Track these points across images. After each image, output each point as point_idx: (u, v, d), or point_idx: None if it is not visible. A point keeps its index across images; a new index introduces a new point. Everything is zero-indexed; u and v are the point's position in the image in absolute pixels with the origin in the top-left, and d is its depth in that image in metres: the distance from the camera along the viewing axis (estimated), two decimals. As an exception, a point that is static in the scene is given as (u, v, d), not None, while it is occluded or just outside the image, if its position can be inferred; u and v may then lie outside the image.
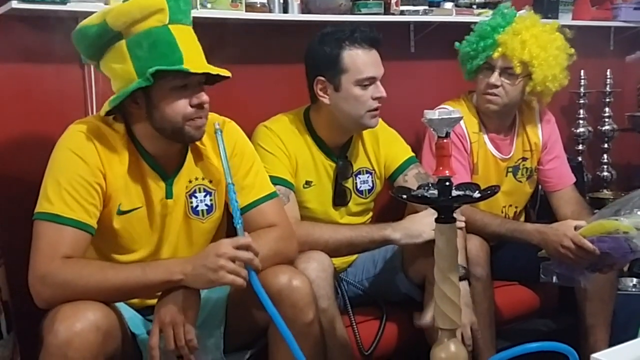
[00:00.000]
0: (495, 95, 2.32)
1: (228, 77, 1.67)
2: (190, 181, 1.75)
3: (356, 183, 2.20)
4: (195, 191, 1.76)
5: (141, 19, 1.55)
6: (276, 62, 2.50)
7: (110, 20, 1.56)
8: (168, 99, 1.59)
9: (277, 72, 2.50)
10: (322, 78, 2.04)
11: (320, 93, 2.06)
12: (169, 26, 1.57)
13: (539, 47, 2.29)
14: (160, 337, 1.54)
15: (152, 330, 1.55)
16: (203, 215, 1.77)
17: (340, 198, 2.17)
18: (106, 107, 1.59)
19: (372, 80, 2.03)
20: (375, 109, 2.05)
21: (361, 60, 2.02)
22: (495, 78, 2.31)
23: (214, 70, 1.60)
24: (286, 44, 2.47)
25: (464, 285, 1.91)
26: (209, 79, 1.67)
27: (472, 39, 2.35)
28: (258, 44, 2.44)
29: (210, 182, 1.76)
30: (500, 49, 2.29)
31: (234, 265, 1.51)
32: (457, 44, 2.42)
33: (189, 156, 1.74)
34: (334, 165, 2.15)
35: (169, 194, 1.72)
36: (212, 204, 1.77)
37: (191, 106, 1.60)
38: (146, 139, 1.67)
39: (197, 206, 1.76)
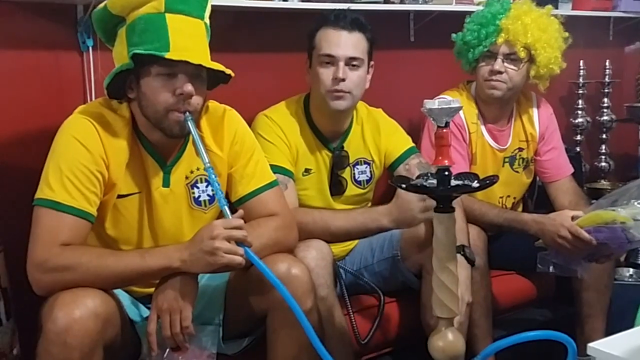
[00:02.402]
0: (500, 81, 2.32)
1: (230, 77, 1.66)
2: (191, 172, 1.75)
3: (354, 173, 2.20)
4: (196, 182, 1.76)
5: (138, 5, 1.56)
6: (275, 50, 2.49)
7: (109, 5, 1.59)
8: (153, 86, 1.58)
9: (277, 61, 2.50)
10: (307, 55, 2.09)
11: (306, 72, 2.11)
12: (166, 15, 1.56)
13: (540, 30, 2.30)
14: (158, 324, 1.54)
15: (149, 317, 1.56)
16: (205, 206, 1.77)
17: (336, 187, 2.18)
18: (104, 90, 1.62)
19: (331, 58, 2.02)
20: (335, 91, 2.02)
21: (326, 38, 2.03)
22: (499, 64, 2.31)
23: (198, 61, 1.55)
24: (286, 32, 2.46)
25: (467, 267, 1.94)
26: (211, 81, 1.67)
27: (473, 28, 2.34)
28: (257, 32, 2.44)
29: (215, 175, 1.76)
30: (503, 35, 2.30)
31: (229, 245, 1.52)
32: (453, 35, 2.42)
33: (189, 146, 1.73)
34: (330, 154, 2.16)
35: (165, 183, 1.72)
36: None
37: (174, 95, 1.58)
38: (143, 126, 1.67)
39: (199, 197, 1.76)
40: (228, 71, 1.64)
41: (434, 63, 2.85)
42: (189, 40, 1.58)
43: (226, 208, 1.58)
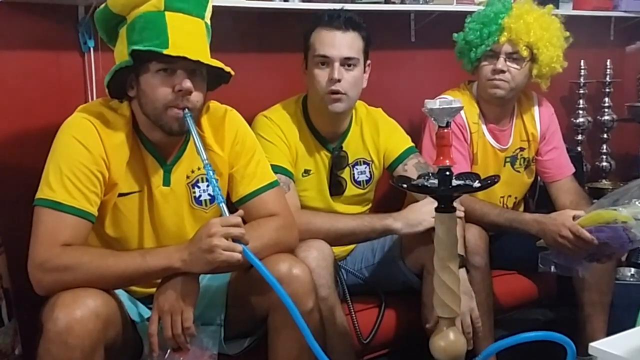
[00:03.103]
0: (503, 80, 2.32)
1: (231, 75, 1.66)
2: (192, 171, 1.75)
3: (353, 174, 2.20)
4: (197, 181, 1.76)
5: (138, 3, 1.57)
6: (275, 50, 2.49)
7: (110, 4, 1.60)
8: (152, 83, 1.59)
9: (277, 61, 2.50)
10: (304, 56, 2.09)
11: (303, 73, 2.10)
12: (166, 13, 1.57)
13: (542, 29, 2.30)
14: (159, 325, 1.54)
15: (151, 318, 1.56)
16: (206, 205, 1.77)
17: (335, 188, 2.17)
18: (105, 89, 1.63)
19: (325, 59, 2.01)
20: (331, 92, 2.01)
21: (320, 38, 2.03)
22: (501, 64, 2.31)
23: (196, 57, 1.55)
24: (286, 32, 2.46)
25: (462, 273, 1.92)
26: (213, 81, 1.67)
27: (475, 27, 2.34)
28: (258, 32, 2.44)
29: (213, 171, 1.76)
30: (506, 34, 2.30)
31: (227, 242, 1.52)
32: (454, 35, 2.42)
33: (190, 145, 1.73)
34: (329, 155, 2.16)
35: (166, 182, 1.72)
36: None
37: (173, 92, 1.58)
38: (143, 125, 1.67)
39: (200, 196, 1.76)
40: (227, 68, 1.64)
41: (434, 63, 2.85)
42: (188, 37, 1.58)
43: (223, 205, 1.58)
